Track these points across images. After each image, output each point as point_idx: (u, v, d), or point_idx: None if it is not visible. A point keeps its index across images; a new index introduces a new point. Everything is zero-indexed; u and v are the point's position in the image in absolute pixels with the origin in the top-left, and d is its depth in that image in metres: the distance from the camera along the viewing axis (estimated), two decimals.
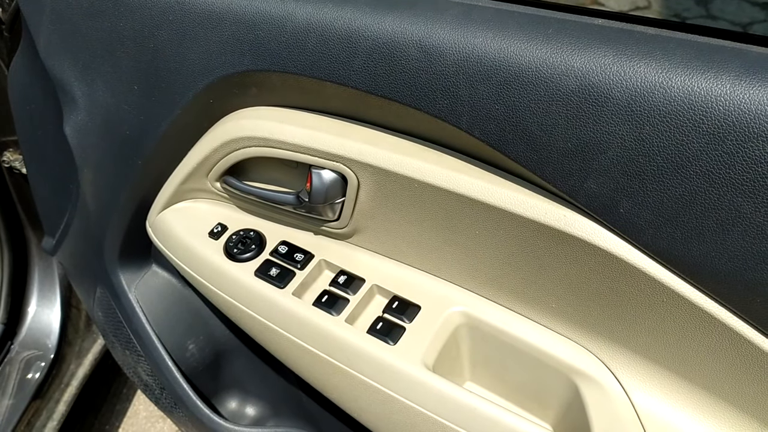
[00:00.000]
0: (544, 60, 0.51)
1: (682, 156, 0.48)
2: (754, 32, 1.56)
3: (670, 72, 0.47)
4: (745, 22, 1.59)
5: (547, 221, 0.56)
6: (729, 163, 0.46)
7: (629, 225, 0.52)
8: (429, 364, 0.66)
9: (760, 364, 0.52)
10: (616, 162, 0.50)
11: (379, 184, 0.65)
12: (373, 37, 0.58)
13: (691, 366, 0.58)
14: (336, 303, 0.71)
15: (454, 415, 0.63)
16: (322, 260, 0.75)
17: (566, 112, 0.51)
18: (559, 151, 0.53)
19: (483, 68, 0.54)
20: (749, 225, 0.47)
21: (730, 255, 0.49)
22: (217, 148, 0.72)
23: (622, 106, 0.49)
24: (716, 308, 0.52)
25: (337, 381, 0.71)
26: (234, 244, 0.77)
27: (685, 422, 0.60)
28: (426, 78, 0.56)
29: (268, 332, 0.74)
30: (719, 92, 0.46)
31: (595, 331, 0.63)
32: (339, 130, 0.66)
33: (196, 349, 0.99)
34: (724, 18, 1.61)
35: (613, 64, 0.49)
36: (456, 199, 0.61)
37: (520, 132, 0.54)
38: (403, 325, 0.69)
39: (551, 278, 0.61)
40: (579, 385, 0.64)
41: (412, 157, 0.62)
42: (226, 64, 0.66)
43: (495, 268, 0.65)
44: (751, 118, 0.45)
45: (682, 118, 0.47)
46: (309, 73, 0.62)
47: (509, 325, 0.67)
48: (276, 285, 0.73)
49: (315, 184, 0.67)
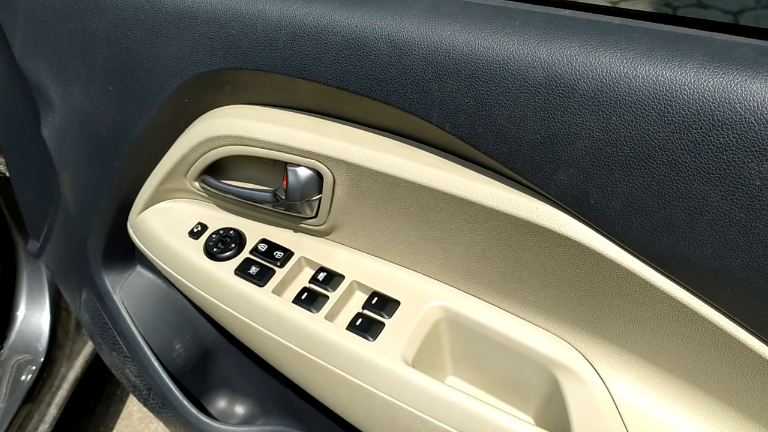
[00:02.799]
0: (511, 52, 0.51)
1: (648, 146, 0.48)
2: (744, 20, 1.55)
3: (635, 62, 0.47)
4: (736, 10, 1.59)
5: (519, 214, 0.56)
6: (694, 151, 0.46)
7: (600, 216, 0.52)
8: (409, 359, 0.66)
9: (733, 352, 0.52)
10: (584, 153, 0.50)
11: (354, 180, 0.65)
12: (342, 32, 0.58)
13: (667, 356, 0.58)
14: (315, 300, 0.71)
15: (434, 409, 0.63)
16: (302, 257, 0.75)
17: (534, 104, 0.51)
18: (529, 143, 0.52)
19: (451, 61, 0.54)
20: (716, 214, 0.47)
21: (698, 244, 0.49)
22: (193, 148, 0.72)
23: (589, 97, 0.49)
24: (688, 297, 0.52)
25: (318, 378, 0.71)
26: (214, 243, 0.77)
27: (662, 412, 0.60)
28: (396, 72, 0.56)
29: (249, 330, 0.74)
30: (683, 81, 0.46)
31: (573, 323, 0.63)
32: (313, 127, 0.66)
33: (182, 349, 0.99)
34: (714, 6, 1.60)
35: (579, 55, 0.49)
36: (429, 193, 0.60)
37: (490, 125, 0.54)
38: (382, 321, 0.69)
39: (527, 271, 0.61)
40: (558, 377, 0.64)
41: (386, 153, 0.62)
42: (199, 63, 0.66)
43: (472, 261, 0.65)
44: (715, 106, 0.45)
45: (648, 107, 0.47)
46: (280, 70, 0.62)
47: (488, 318, 0.67)
48: (256, 283, 0.72)
49: (291, 182, 0.67)
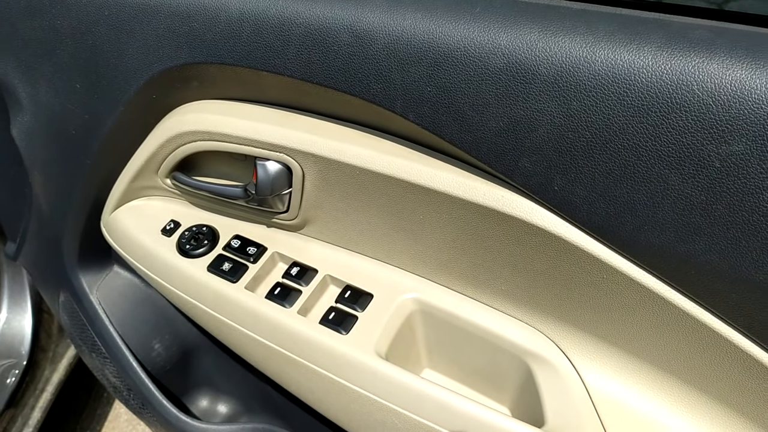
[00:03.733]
0: (471, 39, 0.51)
1: (609, 130, 0.47)
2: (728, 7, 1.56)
3: (593, 46, 0.47)
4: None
5: (485, 202, 0.56)
6: (654, 135, 0.46)
7: (564, 202, 0.52)
8: (382, 352, 0.66)
9: (700, 336, 0.52)
10: (547, 139, 0.50)
11: (323, 173, 0.64)
12: (305, 24, 0.57)
13: (637, 342, 0.58)
14: (289, 295, 0.70)
15: (408, 402, 0.63)
16: (275, 252, 0.74)
17: (496, 91, 0.51)
18: (492, 130, 0.52)
19: (413, 50, 0.53)
20: (678, 197, 0.47)
21: (662, 228, 0.48)
22: (163, 144, 0.72)
23: (549, 83, 0.48)
24: (654, 282, 0.52)
25: (293, 373, 0.71)
26: (187, 240, 0.76)
27: (635, 398, 0.60)
28: (359, 63, 0.56)
29: (223, 327, 0.73)
30: (641, 64, 0.45)
31: (545, 312, 0.63)
32: (281, 120, 0.65)
33: (162, 348, 0.99)
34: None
35: (538, 40, 0.49)
36: (396, 184, 0.60)
37: (453, 113, 0.53)
38: (355, 314, 0.68)
39: (497, 260, 0.61)
40: (532, 366, 0.64)
41: (352, 144, 0.61)
42: (164, 58, 0.65)
43: (443, 252, 0.65)
44: (673, 89, 0.44)
45: (607, 92, 0.46)
46: (245, 64, 0.62)
47: (461, 309, 0.67)
48: (229, 279, 0.72)
49: (260, 176, 0.67)
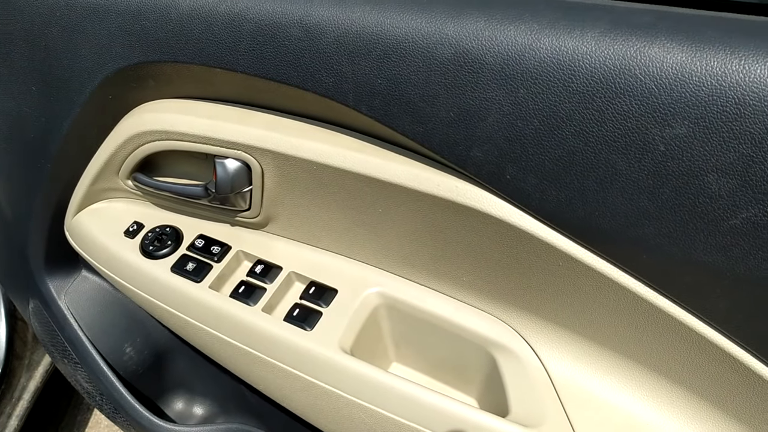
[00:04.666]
0: (419, 30, 0.51)
1: (556, 117, 0.47)
2: None
3: (538, 33, 0.47)
4: None
5: (440, 194, 0.56)
6: (600, 120, 0.46)
7: (517, 190, 0.52)
8: (347, 347, 0.66)
9: (655, 320, 0.52)
10: (496, 128, 0.50)
11: (281, 169, 0.64)
12: (255, 19, 0.57)
13: (596, 328, 0.58)
14: (253, 293, 0.70)
15: (374, 396, 0.63)
16: (240, 251, 0.74)
17: (444, 81, 0.51)
18: (443, 121, 0.52)
19: (362, 43, 0.53)
20: (626, 182, 0.47)
21: (612, 213, 0.49)
22: (122, 145, 0.71)
23: (496, 71, 0.48)
24: (608, 267, 0.52)
25: (260, 371, 0.70)
26: (150, 241, 0.75)
27: (596, 385, 0.61)
28: (310, 57, 0.56)
29: (189, 327, 0.73)
30: (585, 50, 0.45)
31: (507, 301, 0.63)
32: (238, 117, 0.65)
33: (134, 352, 0.98)
34: None
35: (484, 29, 0.49)
36: (354, 178, 0.60)
37: (404, 105, 0.53)
38: (319, 310, 0.68)
39: (457, 251, 0.61)
40: (495, 356, 0.64)
41: (309, 140, 0.61)
42: (117, 58, 0.65)
43: (404, 245, 0.65)
44: (616, 73, 0.45)
45: (553, 78, 0.47)
46: (198, 61, 0.61)
47: (425, 302, 0.67)
48: (193, 279, 0.71)
49: (220, 175, 0.66)
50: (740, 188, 0.43)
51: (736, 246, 0.45)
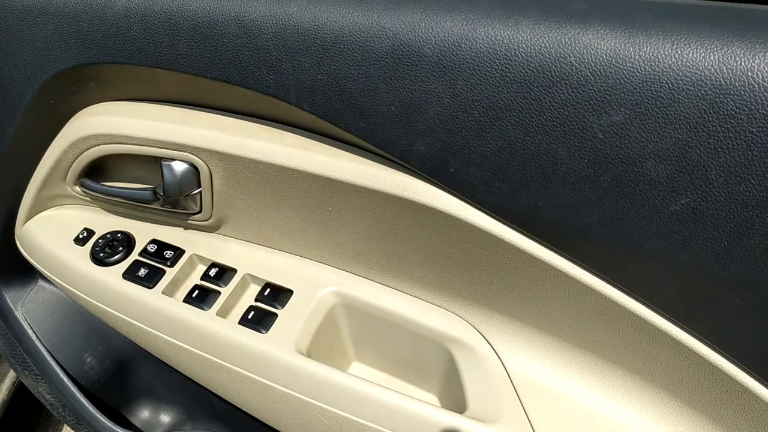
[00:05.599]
0: (356, 23, 0.50)
1: (495, 108, 0.47)
2: None
3: (474, 24, 0.46)
4: None
5: (387, 189, 0.55)
6: (538, 110, 0.45)
7: (461, 184, 0.51)
8: (303, 348, 0.65)
9: (604, 309, 0.52)
10: (437, 121, 0.49)
11: (229, 170, 0.63)
12: (192, 16, 0.56)
13: (550, 320, 0.57)
14: (207, 297, 0.68)
15: (329, 397, 0.62)
16: (194, 255, 0.72)
17: (384, 75, 0.50)
18: (385, 115, 0.51)
19: (301, 38, 0.52)
20: (567, 171, 0.46)
21: (555, 203, 0.48)
22: (66, 150, 0.69)
23: (434, 63, 0.48)
24: (555, 258, 0.52)
25: (217, 376, 0.69)
26: (101, 248, 0.74)
27: (552, 377, 0.60)
28: (248, 54, 0.54)
29: (143, 334, 0.71)
30: (520, 39, 0.45)
31: (462, 296, 0.62)
32: (182, 118, 0.63)
33: (95, 361, 0.96)
34: None
35: (421, 21, 0.48)
36: (301, 176, 0.59)
37: (346, 100, 0.52)
38: (275, 312, 0.67)
39: (408, 247, 0.60)
40: (453, 352, 0.64)
41: (254, 139, 0.60)
42: (56, 61, 0.63)
43: (356, 243, 0.64)
44: (551, 62, 0.44)
45: (490, 68, 0.46)
46: (137, 61, 0.60)
47: (382, 299, 0.66)
48: (145, 285, 0.70)
49: (167, 177, 0.65)
50: (678, 174, 0.43)
51: (677, 232, 0.45)
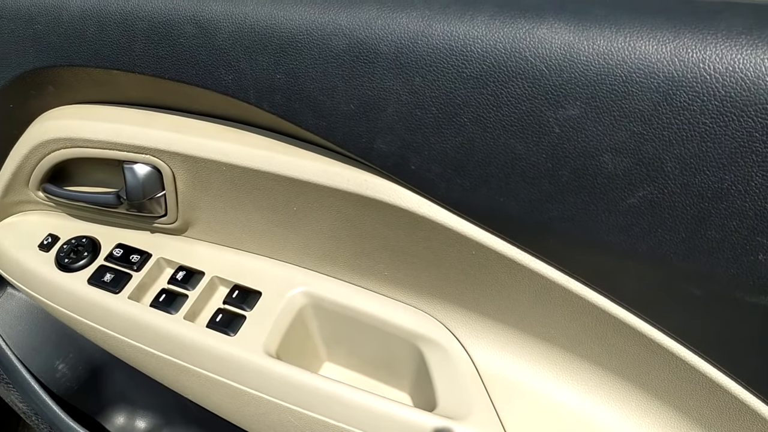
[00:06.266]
0: (313, 21, 0.49)
1: (453, 104, 0.46)
2: None
3: (430, 20, 0.46)
4: None
5: (350, 188, 0.55)
6: (495, 105, 0.45)
7: (422, 181, 0.51)
8: (272, 350, 0.64)
9: (570, 303, 0.52)
10: (397, 118, 0.49)
11: (192, 171, 0.62)
12: (148, 17, 0.55)
13: (517, 315, 0.57)
14: (174, 300, 0.68)
15: (299, 398, 0.62)
16: (161, 258, 0.71)
17: (342, 73, 0.49)
18: (344, 114, 0.51)
19: (258, 37, 0.51)
20: (526, 166, 0.46)
21: (516, 198, 0.48)
22: (27, 155, 0.68)
23: (391, 60, 0.47)
24: (518, 253, 0.51)
25: (186, 380, 0.68)
26: (66, 253, 0.72)
27: (521, 373, 0.60)
28: (206, 54, 0.54)
29: (111, 340, 0.70)
30: (475, 35, 0.45)
31: (430, 294, 0.62)
32: (143, 120, 0.62)
33: (66, 368, 0.94)
34: None
35: (377, 18, 0.48)
36: (264, 177, 0.58)
37: (305, 99, 0.52)
38: (243, 314, 0.66)
39: (374, 246, 0.60)
40: (423, 350, 0.63)
41: (216, 140, 0.59)
42: (12, 65, 0.62)
43: (323, 243, 0.63)
44: (507, 57, 0.44)
45: (446, 64, 0.46)
46: (94, 64, 0.59)
47: (351, 299, 0.66)
48: (111, 291, 0.69)
49: (129, 180, 0.64)
50: (635, 167, 0.43)
51: (636, 225, 0.45)
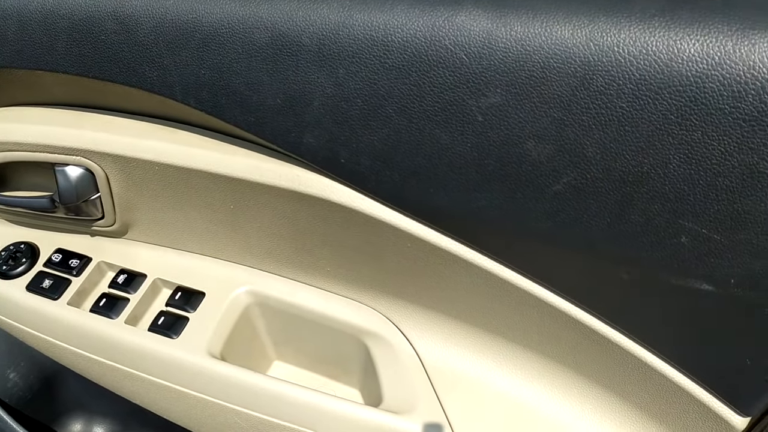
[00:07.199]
0: (234, 15, 0.48)
1: (377, 95, 0.46)
2: None
3: (350, 10, 0.45)
4: None
5: (283, 184, 0.54)
6: (419, 95, 0.45)
7: (353, 174, 0.50)
8: (216, 351, 0.63)
9: (506, 292, 0.52)
10: (323, 111, 0.48)
11: (125, 172, 0.61)
12: (68, 15, 0.53)
13: (458, 306, 0.57)
14: (115, 305, 0.66)
15: (244, 399, 0.61)
16: (101, 262, 0.70)
17: (266, 67, 0.48)
18: (271, 108, 0.50)
19: (180, 32, 0.50)
20: (453, 156, 0.46)
21: (445, 189, 0.47)
22: None
23: (314, 53, 0.46)
24: (452, 244, 0.51)
25: (131, 386, 0.67)
26: (3, 260, 0.70)
27: (465, 364, 0.60)
28: (129, 51, 0.52)
29: (51, 347, 0.69)
30: (395, 24, 0.44)
31: (373, 288, 0.61)
32: (73, 121, 0.61)
33: (18, 377, 0.92)
34: None
35: (298, 9, 0.47)
36: (198, 175, 0.57)
37: (231, 95, 0.51)
38: (186, 316, 0.65)
39: (314, 242, 0.59)
40: (368, 345, 0.63)
41: (146, 139, 0.58)
42: None
43: (264, 240, 0.62)
44: (427, 46, 0.43)
45: (368, 55, 0.45)
46: (17, 64, 0.57)
47: (295, 296, 0.65)
48: (50, 297, 0.67)
49: (61, 183, 0.62)
50: (557, 153, 0.42)
51: (563, 211, 0.44)
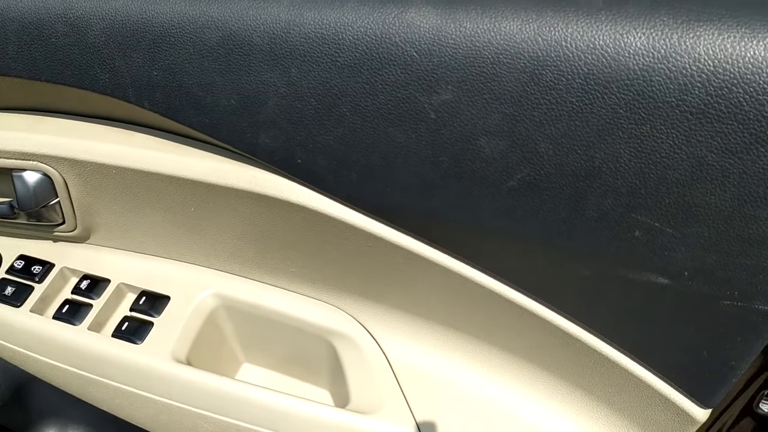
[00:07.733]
0: (184, 14, 0.48)
1: (330, 94, 0.45)
2: None
3: (300, 8, 0.45)
4: None
5: (241, 186, 0.53)
6: (372, 93, 0.44)
7: (310, 174, 0.50)
8: (182, 355, 0.62)
9: (470, 291, 0.52)
10: (278, 111, 0.48)
11: (82, 176, 0.60)
12: (18, 17, 0.52)
13: (423, 306, 0.57)
14: (78, 311, 0.65)
15: (209, 403, 0.60)
16: (64, 268, 0.69)
17: (218, 67, 0.48)
18: (225, 109, 0.49)
19: (130, 33, 0.49)
20: (407, 154, 0.45)
21: (401, 187, 0.47)
22: None
23: (266, 52, 0.46)
24: (413, 243, 0.51)
25: (96, 392, 0.66)
26: None
27: (432, 362, 0.60)
28: (80, 53, 0.51)
29: (16, 355, 0.68)
30: (345, 22, 0.43)
31: (338, 288, 0.61)
32: (28, 125, 0.60)
33: None
34: None
35: (249, 8, 0.46)
36: (156, 178, 0.56)
37: (184, 96, 0.50)
38: (150, 321, 0.64)
39: (277, 243, 0.58)
40: (335, 345, 0.62)
41: (102, 142, 0.57)
42: None
43: (227, 242, 0.62)
44: (378, 43, 0.43)
45: (320, 54, 0.44)
46: None
47: (262, 298, 0.65)
48: (12, 304, 0.66)
49: (19, 189, 0.61)
50: (510, 149, 0.42)
51: (519, 208, 0.44)
